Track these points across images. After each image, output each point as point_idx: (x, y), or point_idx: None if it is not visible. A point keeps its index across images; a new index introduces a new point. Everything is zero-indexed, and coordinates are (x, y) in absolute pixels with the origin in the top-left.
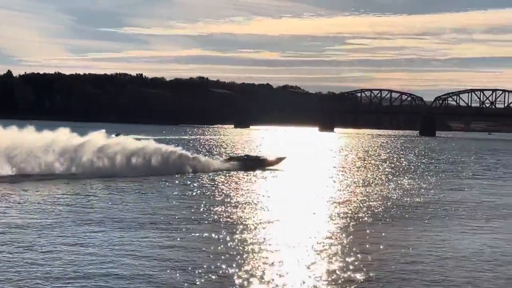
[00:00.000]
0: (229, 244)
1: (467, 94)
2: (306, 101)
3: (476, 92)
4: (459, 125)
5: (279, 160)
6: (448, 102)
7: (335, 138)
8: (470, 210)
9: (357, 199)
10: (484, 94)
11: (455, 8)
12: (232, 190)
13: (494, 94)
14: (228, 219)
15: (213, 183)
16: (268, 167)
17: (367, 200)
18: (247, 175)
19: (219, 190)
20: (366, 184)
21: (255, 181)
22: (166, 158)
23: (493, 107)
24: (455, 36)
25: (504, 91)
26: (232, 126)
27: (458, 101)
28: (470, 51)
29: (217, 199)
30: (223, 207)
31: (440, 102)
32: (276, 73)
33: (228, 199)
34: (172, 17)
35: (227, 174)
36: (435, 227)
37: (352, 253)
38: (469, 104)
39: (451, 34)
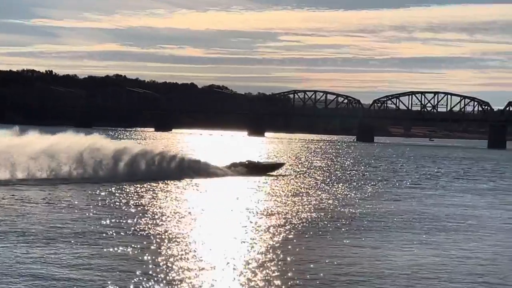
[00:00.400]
0: (144, 261)
1: (407, 96)
2: (234, 103)
3: (417, 95)
4: (399, 130)
5: (279, 165)
6: (387, 105)
7: (265, 143)
8: (409, 222)
9: (288, 210)
10: (425, 97)
11: (395, 4)
12: (160, 200)
13: (436, 97)
14: (149, 232)
15: (140, 192)
16: (269, 173)
17: (299, 211)
18: (186, 183)
19: (146, 199)
20: (297, 193)
21: (186, 190)
22: (169, 163)
23: (435, 111)
24: (395, 34)
25: (446, 93)
26: (153, 129)
27: (397, 104)
28: (411, 50)
29: (140, 209)
30: (145, 218)
31: (379, 105)
32: (201, 72)
33: (153, 209)
34: (86, 8)
35: (164, 182)
36: (372, 240)
37: (282, 269)
38: (410, 107)
39: (390, 32)
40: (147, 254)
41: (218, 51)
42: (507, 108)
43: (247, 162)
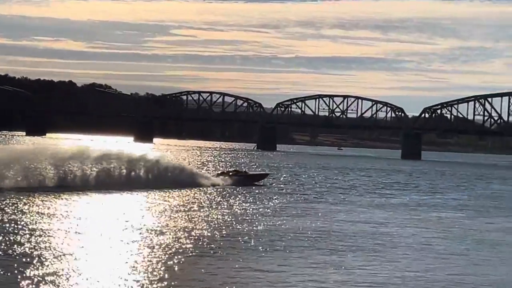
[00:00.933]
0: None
1: (314, 100)
2: (119, 104)
3: (324, 99)
4: (304, 137)
5: (263, 176)
6: (292, 109)
7: (152, 150)
8: (313, 240)
9: (178, 226)
10: (334, 101)
11: None
12: (43, 215)
13: (345, 101)
14: (20, 250)
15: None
16: (255, 183)
17: (190, 228)
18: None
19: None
20: (188, 208)
21: (69, 204)
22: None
23: (344, 117)
24: (301, 31)
25: (357, 98)
26: (24, 133)
27: (303, 109)
28: (319, 49)
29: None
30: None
31: (282, 109)
32: (81, 68)
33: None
34: None
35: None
36: (271, 261)
37: None
38: (317, 112)
39: (296, 28)
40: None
41: (101, 45)
42: (423, 115)
43: (234, 172)
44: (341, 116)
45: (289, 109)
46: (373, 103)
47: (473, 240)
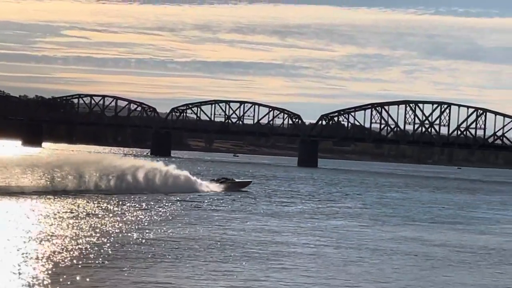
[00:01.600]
0: None
1: (210, 105)
2: (7, 106)
3: (221, 104)
4: (200, 143)
5: (247, 183)
6: (187, 114)
7: (40, 155)
8: (206, 248)
9: (64, 234)
10: (230, 107)
11: None
12: None
13: (242, 107)
14: None
15: None
16: (241, 189)
17: (76, 235)
18: None
19: None
20: (75, 215)
21: None
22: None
23: (240, 123)
24: (198, 34)
25: (254, 104)
26: None
27: (199, 114)
28: (215, 53)
29: None
30: None
31: (177, 114)
32: None
33: None
34: None
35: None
36: (161, 271)
37: None
38: (212, 118)
39: (192, 31)
40: None
41: None
42: (320, 122)
43: (222, 179)
44: (238, 122)
45: (184, 114)
46: (270, 109)
47: (367, 249)
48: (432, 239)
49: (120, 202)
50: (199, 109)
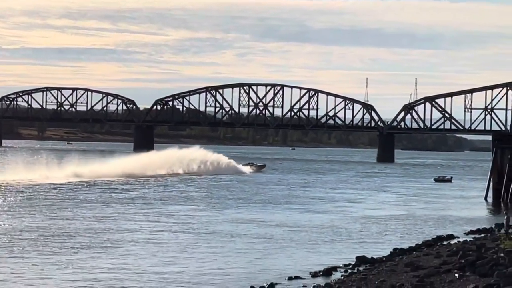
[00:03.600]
0: None
1: (41, 93)
2: None
3: (52, 91)
4: (32, 132)
5: (264, 166)
6: (18, 103)
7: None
8: (44, 239)
9: None
10: (62, 94)
11: None
12: None
13: (75, 93)
14: None
15: None
16: (262, 170)
17: None
18: None
19: None
20: None
21: None
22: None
23: (73, 109)
24: (27, 20)
25: (87, 90)
26: None
27: (30, 102)
28: (46, 39)
29: None
30: None
31: (8, 102)
32: None
33: None
34: None
35: None
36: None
37: None
38: (44, 106)
39: (21, 17)
40: None
41: None
42: (155, 107)
43: (250, 163)
44: (70, 109)
45: (15, 102)
46: (104, 95)
47: (204, 233)
48: (268, 219)
49: None
50: (30, 97)
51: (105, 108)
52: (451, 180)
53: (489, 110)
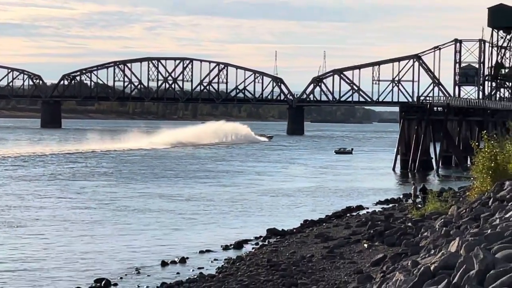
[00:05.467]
0: None
1: None
2: None
3: None
4: None
5: (272, 136)
6: None
7: None
8: None
9: None
10: None
11: None
12: None
13: None
14: None
15: None
16: (270, 140)
17: None
18: None
19: None
20: None
21: None
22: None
23: None
24: None
25: None
26: None
27: None
28: None
29: None
30: None
31: None
32: None
33: None
34: None
35: None
36: None
37: None
38: None
39: None
40: None
41: None
42: (62, 82)
43: (262, 135)
44: None
45: None
46: (9, 70)
47: (117, 208)
48: (178, 194)
49: None
50: None
51: (10, 83)
52: (351, 152)
53: (396, 82)
